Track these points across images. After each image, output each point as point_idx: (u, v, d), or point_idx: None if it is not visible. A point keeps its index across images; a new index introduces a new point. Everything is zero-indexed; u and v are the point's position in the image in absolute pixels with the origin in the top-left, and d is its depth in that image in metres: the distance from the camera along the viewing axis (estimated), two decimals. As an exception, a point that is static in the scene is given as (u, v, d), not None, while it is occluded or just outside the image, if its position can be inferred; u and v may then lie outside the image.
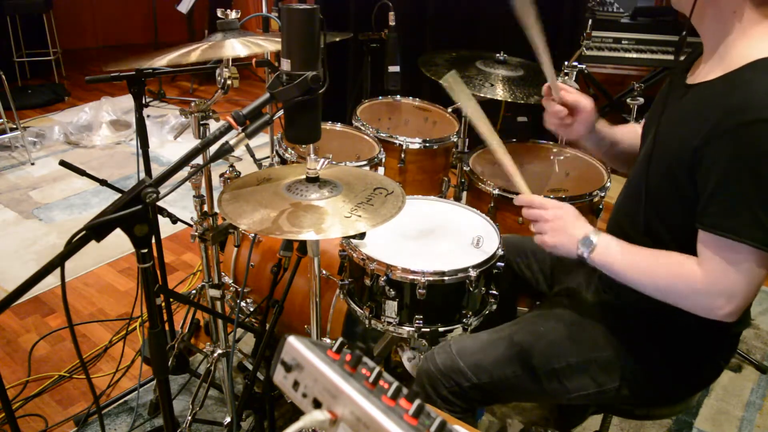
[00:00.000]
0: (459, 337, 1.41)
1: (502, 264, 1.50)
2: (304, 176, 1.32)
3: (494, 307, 1.53)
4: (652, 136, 1.18)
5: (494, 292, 1.53)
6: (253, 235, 1.88)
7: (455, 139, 2.24)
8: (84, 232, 0.97)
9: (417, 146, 2.14)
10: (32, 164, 3.75)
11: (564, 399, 1.34)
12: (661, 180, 1.14)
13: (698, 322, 1.11)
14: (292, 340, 0.61)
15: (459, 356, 1.33)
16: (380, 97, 2.50)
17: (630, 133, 1.48)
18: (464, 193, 2.17)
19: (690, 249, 1.11)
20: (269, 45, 1.39)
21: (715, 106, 1.04)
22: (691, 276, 1.08)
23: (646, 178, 1.18)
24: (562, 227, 1.21)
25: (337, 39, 1.63)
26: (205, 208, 1.59)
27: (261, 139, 3.92)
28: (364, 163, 1.97)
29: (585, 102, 1.40)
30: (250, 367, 1.91)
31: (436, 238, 1.56)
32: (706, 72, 1.14)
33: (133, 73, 1.62)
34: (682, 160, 1.08)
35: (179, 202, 3.22)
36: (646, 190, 1.18)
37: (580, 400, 1.33)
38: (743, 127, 0.99)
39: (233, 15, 1.47)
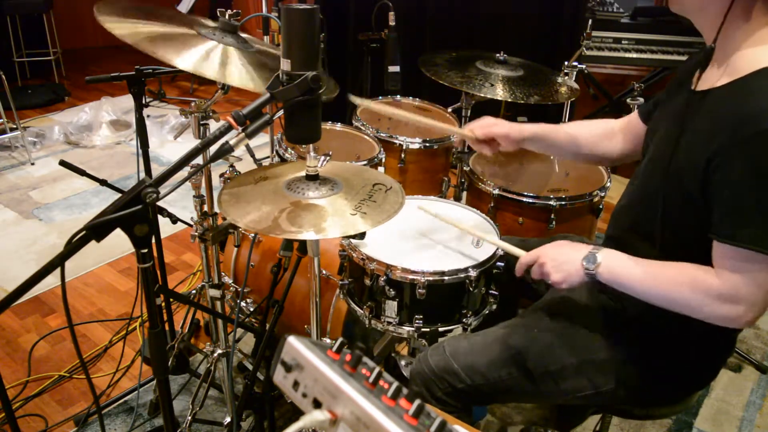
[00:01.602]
0: (452, 338, 1.41)
1: (502, 264, 1.50)
2: (303, 174, 1.32)
3: (494, 307, 1.53)
4: (660, 141, 1.17)
5: (494, 292, 1.53)
6: (253, 235, 1.88)
7: (455, 139, 2.23)
8: (84, 232, 0.97)
9: (417, 146, 2.14)
10: (32, 164, 3.75)
11: (560, 400, 1.33)
12: (672, 184, 1.13)
13: (694, 322, 1.10)
14: (292, 340, 0.61)
15: (452, 358, 1.33)
16: (380, 97, 2.50)
17: (571, 133, 1.52)
18: (464, 193, 2.17)
19: (697, 256, 1.10)
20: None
21: (727, 114, 1.03)
22: (712, 287, 1.07)
23: (652, 185, 1.17)
24: (561, 260, 1.22)
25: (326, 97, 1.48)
26: (205, 208, 1.59)
27: (261, 139, 3.92)
28: (364, 162, 1.97)
29: (497, 130, 1.50)
30: (250, 367, 1.91)
31: (436, 238, 1.56)
32: (713, 78, 1.12)
33: (133, 73, 1.62)
34: (694, 169, 1.07)
35: (179, 202, 3.22)
36: (656, 193, 1.17)
37: (577, 401, 1.32)
38: (758, 136, 0.98)
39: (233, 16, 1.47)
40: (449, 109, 2.40)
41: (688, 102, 1.16)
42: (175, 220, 1.40)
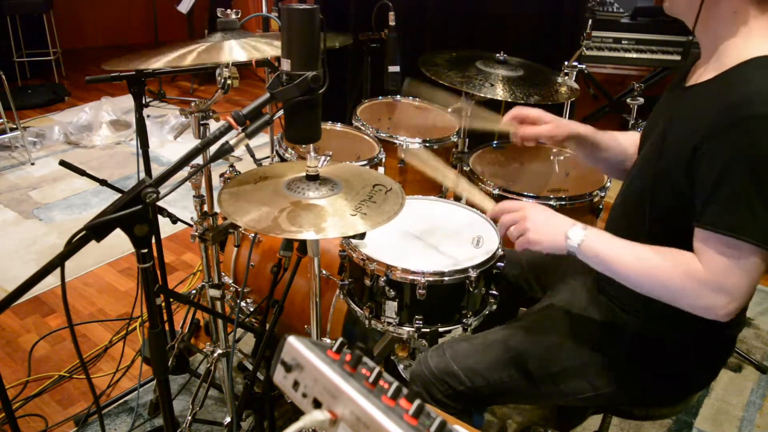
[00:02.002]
0: (452, 340, 1.41)
1: (502, 264, 1.50)
2: (303, 174, 1.32)
3: (494, 307, 1.53)
4: (652, 140, 1.18)
5: (494, 292, 1.52)
6: (253, 234, 1.88)
7: (455, 139, 2.23)
8: (84, 232, 0.97)
9: (417, 146, 2.14)
10: (32, 164, 3.75)
11: (561, 401, 1.33)
12: (661, 182, 1.13)
13: (695, 323, 1.10)
14: (292, 340, 0.61)
15: (453, 360, 1.33)
16: (380, 97, 2.50)
17: (622, 142, 1.47)
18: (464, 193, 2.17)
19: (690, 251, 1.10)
20: (268, 48, 1.38)
21: (712, 103, 1.03)
22: (695, 272, 1.05)
23: (647, 180, 1.17)
24: (543, 222, 1.19)
25: (337, 45, 1.53)
26: (205, 208, 1.59)
27: (261, 139, 3.92)
28: (364, 162, 1.97)
29: (542, 131, 1.43)
30: (250, 367, 1.91)
31: (436, 238, 1.56)
32: (703, 73, 1.13)
33: (133, 73, 1.62)
34: (680, 160, 1.07)
35: (179, 202, 3.22)
36: (647, 192, 1.17)
37: (577, 403, 1.32)
38: (741, 122, 0.98)
39: (233, 15, 1.47)
40: (449, 110, 2.40)
41: (677, 99, 1.17)
42: (175, 220, 1.39)
